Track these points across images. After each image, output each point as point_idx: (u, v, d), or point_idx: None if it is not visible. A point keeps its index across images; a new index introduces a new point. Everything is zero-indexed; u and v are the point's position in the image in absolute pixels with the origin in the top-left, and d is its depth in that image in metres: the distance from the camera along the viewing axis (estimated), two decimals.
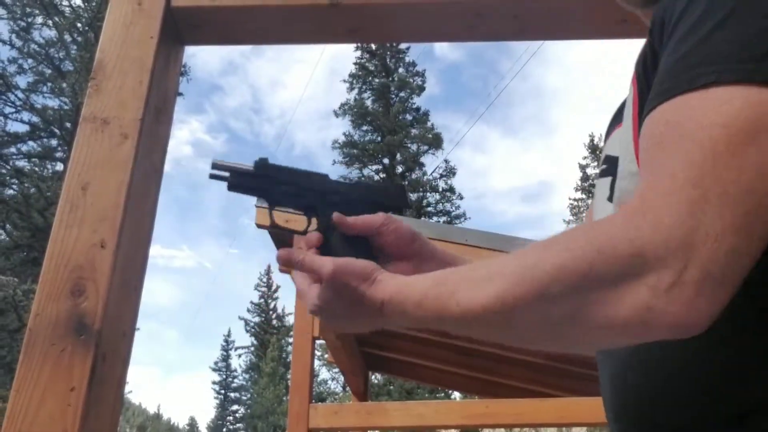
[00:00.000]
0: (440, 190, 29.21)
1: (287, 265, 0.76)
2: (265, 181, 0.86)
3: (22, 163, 17.47)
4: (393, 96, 29.48)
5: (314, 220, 0.85)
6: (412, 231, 0.82)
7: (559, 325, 0.56)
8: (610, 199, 0.77)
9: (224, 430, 42.44)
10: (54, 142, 17.86)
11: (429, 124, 29.68)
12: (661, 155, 0.55)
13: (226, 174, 0.86)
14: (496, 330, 0.62)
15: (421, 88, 29.96)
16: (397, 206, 0.87)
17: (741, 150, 0.50)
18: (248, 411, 39.25)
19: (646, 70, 0.66)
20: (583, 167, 32.34)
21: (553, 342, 0.62)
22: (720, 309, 0.51)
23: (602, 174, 0.82)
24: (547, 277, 0.55)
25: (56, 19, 17.02)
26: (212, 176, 0.86)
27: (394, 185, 0.88)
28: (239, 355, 42.75)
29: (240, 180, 0.86)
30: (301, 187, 0.86)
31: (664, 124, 0.56)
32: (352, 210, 0.82)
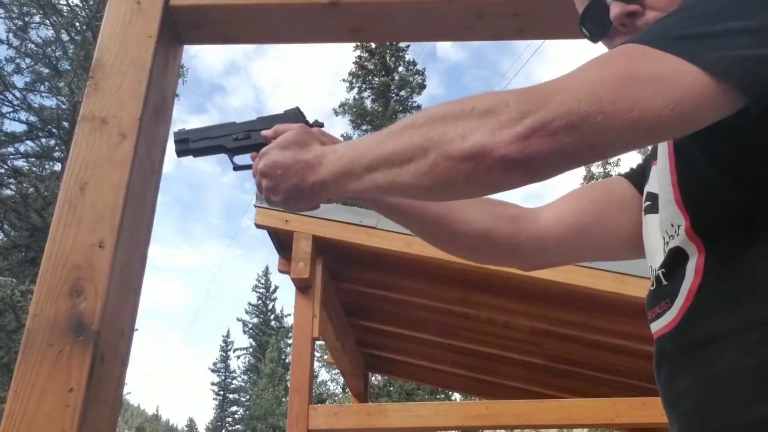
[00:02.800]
0: None
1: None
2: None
3: (19, 163, 17.40)
4: (393, 95, 29.43)
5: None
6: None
7: (425, 150, 0.69)
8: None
9: (223, 431, 42.40)
10: (52, 141, 17.80)
11: None
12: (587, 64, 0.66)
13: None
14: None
15: (422, 87, 29.91)
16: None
17: (635, 80, 0.61)
18: (247, 412, 39.20)
19: None
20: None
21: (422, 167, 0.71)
22: (557, 157, 0.62)
23: (648, 210, 0.86)
24: (438, 110, 0.70)
25: (54, 18, 16.96)
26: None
27: (291, 109, 1.07)
28: (238, 357, 42.73)
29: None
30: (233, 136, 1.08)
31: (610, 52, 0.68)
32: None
